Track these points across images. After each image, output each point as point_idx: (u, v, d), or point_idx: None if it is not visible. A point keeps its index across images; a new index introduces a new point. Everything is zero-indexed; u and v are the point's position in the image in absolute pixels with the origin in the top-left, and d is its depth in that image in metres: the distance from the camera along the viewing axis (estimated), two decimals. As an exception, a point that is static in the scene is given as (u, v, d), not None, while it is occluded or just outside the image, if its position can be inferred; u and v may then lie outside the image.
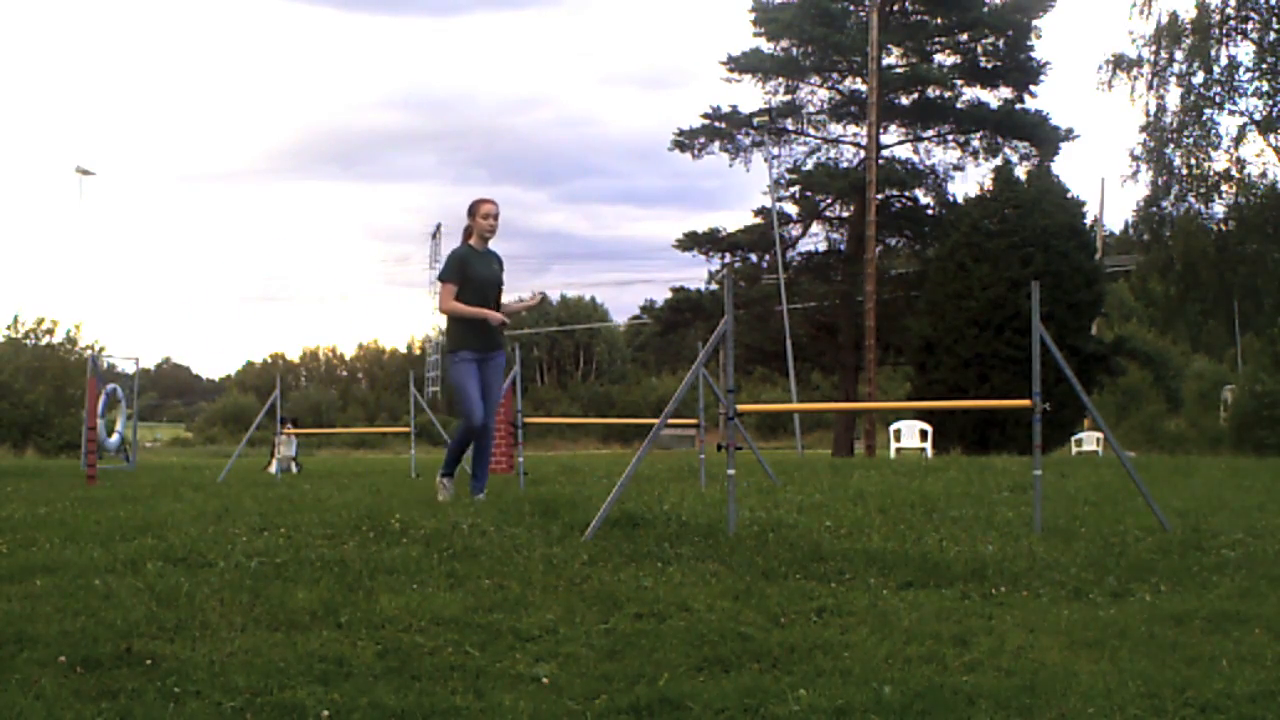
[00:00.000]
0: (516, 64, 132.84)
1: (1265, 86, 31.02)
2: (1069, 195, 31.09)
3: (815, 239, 38.27)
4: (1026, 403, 7.16)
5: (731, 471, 7.17)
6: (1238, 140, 31.57)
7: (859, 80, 35.89)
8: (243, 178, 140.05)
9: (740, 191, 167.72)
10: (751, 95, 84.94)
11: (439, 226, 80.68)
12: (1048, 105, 76.64)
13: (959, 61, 36.75)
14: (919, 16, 36.58)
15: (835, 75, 37.07)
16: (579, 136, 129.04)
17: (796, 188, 37.11)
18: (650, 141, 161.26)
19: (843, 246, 37.18)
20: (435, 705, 3.45)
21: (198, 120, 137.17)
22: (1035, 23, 35.61)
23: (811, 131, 37.77)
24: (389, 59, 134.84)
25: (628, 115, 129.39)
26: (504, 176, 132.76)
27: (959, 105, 36.65)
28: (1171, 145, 31.60)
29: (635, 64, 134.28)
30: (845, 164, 36.71)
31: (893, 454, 23.77)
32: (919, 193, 37.15)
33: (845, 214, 37.00)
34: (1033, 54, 35.99)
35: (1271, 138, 31.12)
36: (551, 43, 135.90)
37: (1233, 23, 30.77)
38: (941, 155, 37.53)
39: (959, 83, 36.47)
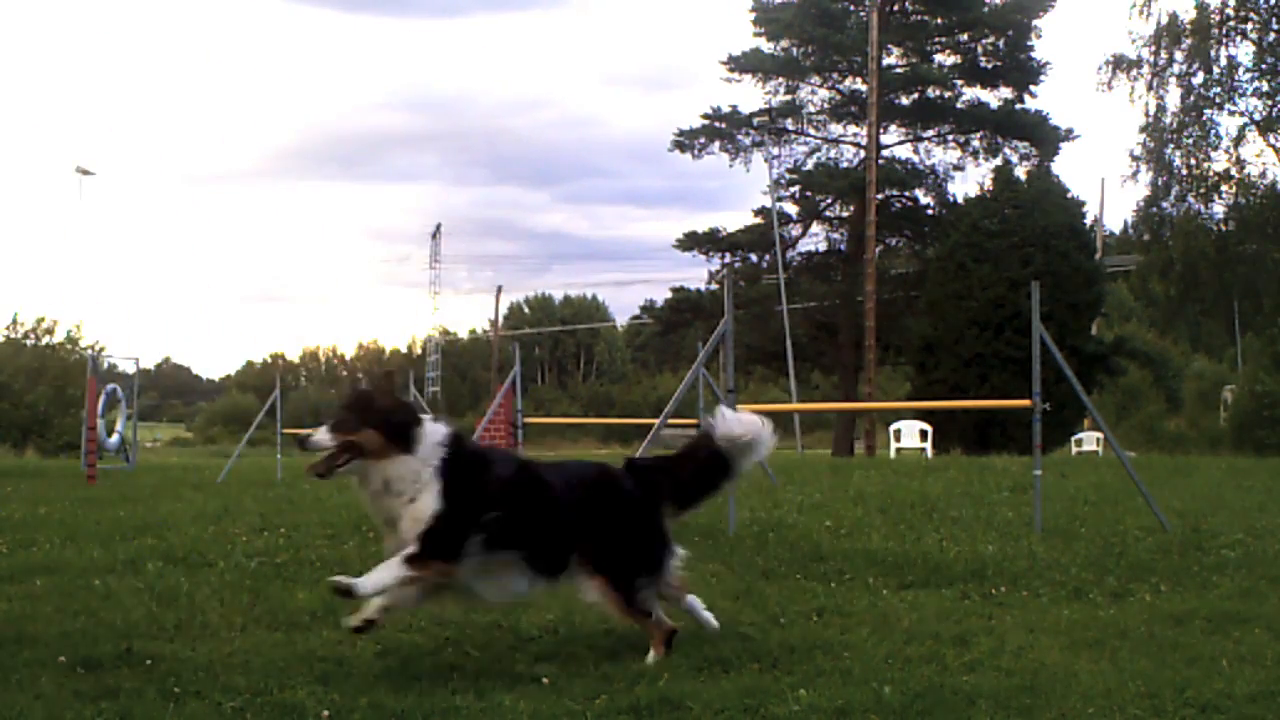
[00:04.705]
0: (518, 65, 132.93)
1: (1265, 86, 31.02)
2: (1069, 195, 31.08)
3: (815, 239, 38.28)
4: (1026, 403, 7.17)
5: (731, 471, 7.16)
6: (1237, 140, 31.58)
7: (859, 80, 35.88)
8: (243, 178, 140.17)
9: (740, 191, 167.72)
10: (751, 95, 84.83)
11: (439, 226, 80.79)
12: (1048, 105, 76.42)
13: (959, 61, 36.74)
14: (919, 16, 36.57)
15: (835, 75, 37.06)
16: (580, 137, 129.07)
17: (796, 188, 37.11)
18: (651, 142, 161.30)
19: (843, 246, 37.17)
20: (435, 705, 3.45)
21: (198, 120, 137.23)
22: (1035, 23, 35.62)
23: (811, 131, 37.78)
24: (390, 60, 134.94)
25: (629, 116, 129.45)
26: (505, 177, 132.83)
27: (959, 105, 36.65)
28: (1171, 146, 31.59)
29: (637, 65, 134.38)
30: (845, 164, 36.70)
31: (893, 454, 23.77)
32: (919, 193, 37.15)
33: (845, 214, 36.99)
34: (1033, 54, 35.99)
35: (1271, 138, 31.12)
36: (553, 44, 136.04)
37: (1232, 23, 30.75)
38: (941, 155, 37.54)
39: (959, 83, 36.47)
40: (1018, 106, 36.07)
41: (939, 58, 36.95)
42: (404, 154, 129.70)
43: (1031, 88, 36.24)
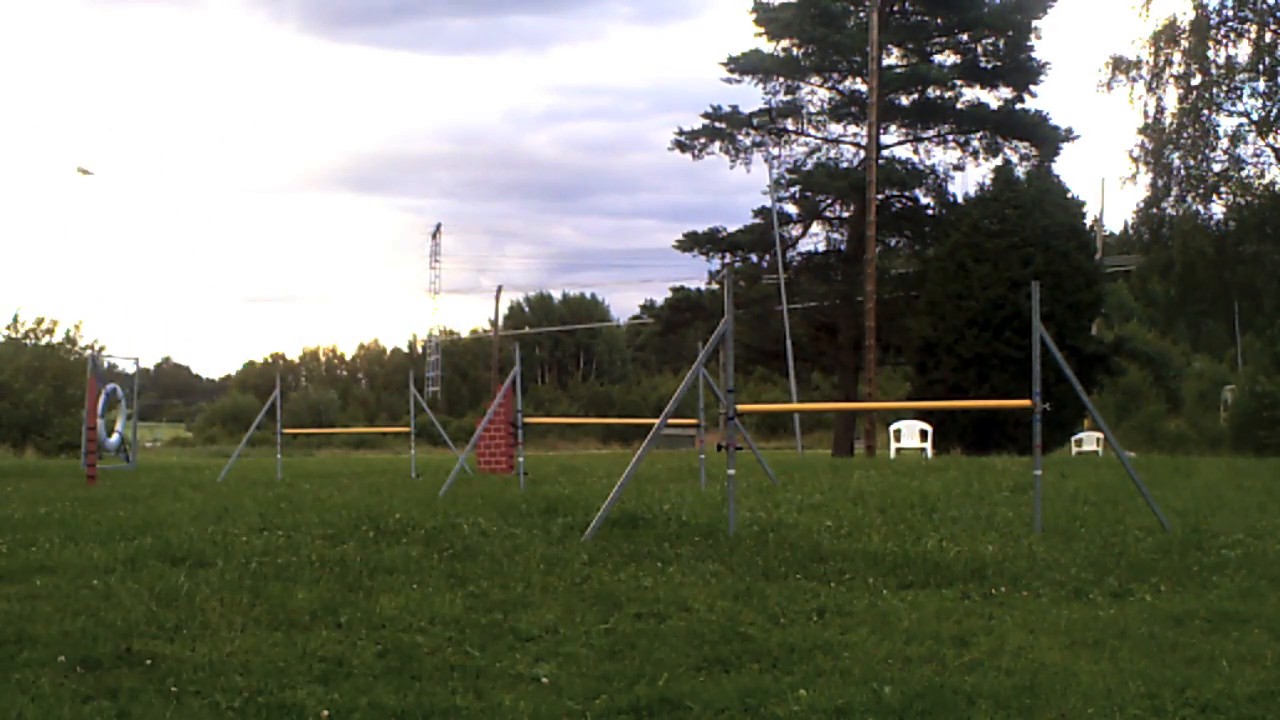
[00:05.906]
0: (520, 69, 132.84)
1: (1262, 86, 30.99)
2: (1069, 195, 31.07)
3: (815, 239, 38.23)
4: (1026, 403, 7.17)
5: (731, 471, 7.18)
6: (1236, 141, 31.54)
7: (859, 80, 35.86)
8: (243, 178, 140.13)
9: (740, 191, 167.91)
10: (752, 95, 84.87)
11: (439, 226, 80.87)
12: (1048, 105, 76.49)
13: (959, 61, 36.71)
14: (919, 16, 36.55)
15: (835, 75, 37.03)
16: (581, 139, 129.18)
17: (797, 188, 37.07)
18: (651, 142, 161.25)
19: (843, 246, 37.15)
20: (435, 705, 3.45)
21: (198, 121, 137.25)
22: (1035, 23, 35.57)
23: (811, 131, 37.75)
24: (392, 65, 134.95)
25: (629, 116, 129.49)
26: (506, 178, 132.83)
27: (959, 105, 36.62)
28: (1170, 146, 31.55)
29: (638, 65, 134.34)
30: (845, 164, 36.67)
31: (893, 454, 23.77)
32: (919, 193, 37.10)
33: (845, 214, 36.97)
34: (1033, 54, 35.95)
35: (1270, 138, 31.10)
36: (554, 45, 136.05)
37: (1231, 23, 30.73)
38: (941, 155, 37.48)
39: (959, 83, 36.43)
40: (1018, 106, 36.04)
41: (939, 58, 36.91)
42: (406, 158, 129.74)
43: (1031, 88, 36.20)
